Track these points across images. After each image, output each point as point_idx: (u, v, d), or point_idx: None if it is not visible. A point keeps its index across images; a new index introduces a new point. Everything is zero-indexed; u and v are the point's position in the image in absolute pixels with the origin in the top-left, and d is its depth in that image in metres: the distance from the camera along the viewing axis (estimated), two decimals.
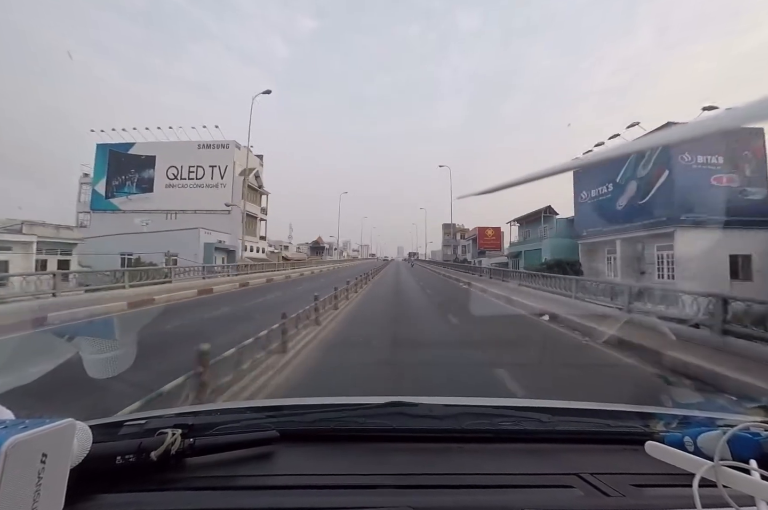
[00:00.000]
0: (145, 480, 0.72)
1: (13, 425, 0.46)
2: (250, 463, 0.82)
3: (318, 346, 5.83)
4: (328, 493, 0.71)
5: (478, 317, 8.44)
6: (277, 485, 0.74)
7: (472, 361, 5.08)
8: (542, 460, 0.88)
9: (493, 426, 0.99)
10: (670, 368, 4.74)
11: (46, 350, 5.21)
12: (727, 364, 4.55)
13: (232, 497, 0.70)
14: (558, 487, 0.75)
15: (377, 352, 5.53)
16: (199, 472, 0.77)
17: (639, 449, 0.80)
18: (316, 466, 0.84)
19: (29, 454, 0.44)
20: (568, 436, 1.00)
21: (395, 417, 0.99)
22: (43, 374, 3.73)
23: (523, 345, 6.13)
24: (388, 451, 0.90)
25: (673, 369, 4.72)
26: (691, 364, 4.65)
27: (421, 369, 4.61)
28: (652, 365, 4.94)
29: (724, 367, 4.39)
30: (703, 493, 0.52)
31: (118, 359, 3.79)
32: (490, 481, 0.76)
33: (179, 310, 9.49)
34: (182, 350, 4.71)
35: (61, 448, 0.50)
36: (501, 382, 4.05)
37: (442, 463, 0.86)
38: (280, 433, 0.88)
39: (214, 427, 0.92)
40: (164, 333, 6.72)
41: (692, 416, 1.05)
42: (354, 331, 7.21)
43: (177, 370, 2.81)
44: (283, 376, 4.31)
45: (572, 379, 4.33)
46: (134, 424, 0.93)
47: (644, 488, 0.74)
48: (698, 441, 0.73)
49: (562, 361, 5.28)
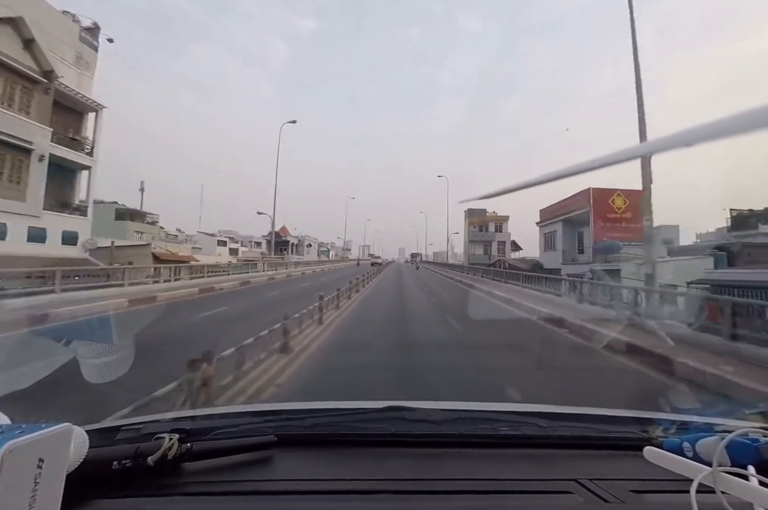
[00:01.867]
0: (142, 485, 0.72)
1: (9, 430, 0.46)
2: (247, 468, 0.81)
3: None
4: (325, 498, 0.71)
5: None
6: (275, 490, 0.73)
7: None
8: (541, 466, 0.88)
9: (491, 431, 0.99)
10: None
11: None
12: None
13: (229, 502, 0.70)
14: (556, 493, 0.75)
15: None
16: (196, 477, 0.77)
17: (637, 455, 0.80)
18: (313, 471, 0.84)
19: (26, 460, 0.44)
20: (567, 441, 1.00)
21: (393, 422, 0.99)
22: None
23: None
24: (386, 456, 0.90)
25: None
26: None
27: None
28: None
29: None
30: (701, 499, 0.52)
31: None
32: (489, 486, 0.76)
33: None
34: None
35: (58, 453, 0.49)
36: None
37: (441, 468, 0.86)
38: (277, 437, 0.87)
39: (212, 431, 0.92)
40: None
41: (691, 421, 1.05)
42: None
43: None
44: None
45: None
46: (131, 428, 0.93)
47: (643, 494, 0.74)
48: (697, 446, 0.73)
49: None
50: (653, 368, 5.17)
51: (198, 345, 4.88)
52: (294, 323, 6.12)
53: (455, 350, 6.24)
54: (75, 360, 3.48)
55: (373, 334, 7.47)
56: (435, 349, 6.15)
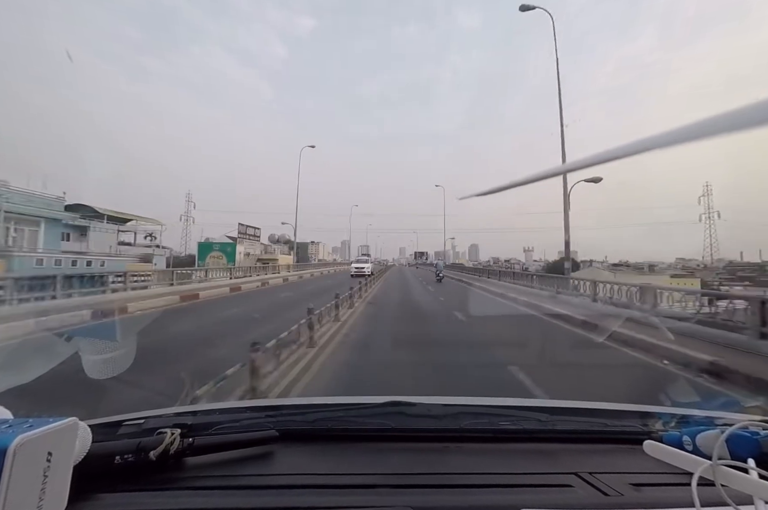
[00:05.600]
0: (144, 480, 0.72)
1: (18, 424, 0.46)
2: (249, 463, 0.81)
3: None
4: (326, 492, 0.71)
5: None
6: (276, 485, 0.74)
7: None
8: (541, 460, 0.88)
9: (491, 425, 0.99)
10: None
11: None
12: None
13: (230, 497, 0.70)
14: (557, 487, 0.75)
15: None
16: (197, 471, 0.77)
17: (638, 448, 0.80)
18: (314, 465, 0.84)
19: (36, 453, 0.45)
20: (567, 435, 1.00)
21: (394, 416, 0.99)
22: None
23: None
24: (386, 451, 0.90)
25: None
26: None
27: None
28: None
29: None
30: (701, 492, 0.52)
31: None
32: (489, 480, 0.76)
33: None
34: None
35: (65, 446, 0.50)
36: None
37: (441, 462, 0.86)
38: (279, 432, 0.88)
39: (213, 426, 0.92)
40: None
41: (691, 415, 1.05)
42: None
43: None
44: None
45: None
46: (133, 423, 0.93)
47: (643, 487, 0.74)
48: (697, 440, 0.73)
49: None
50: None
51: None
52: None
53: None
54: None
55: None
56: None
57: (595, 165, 0.53)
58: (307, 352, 5.20)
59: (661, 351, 5.59)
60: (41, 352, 5.23)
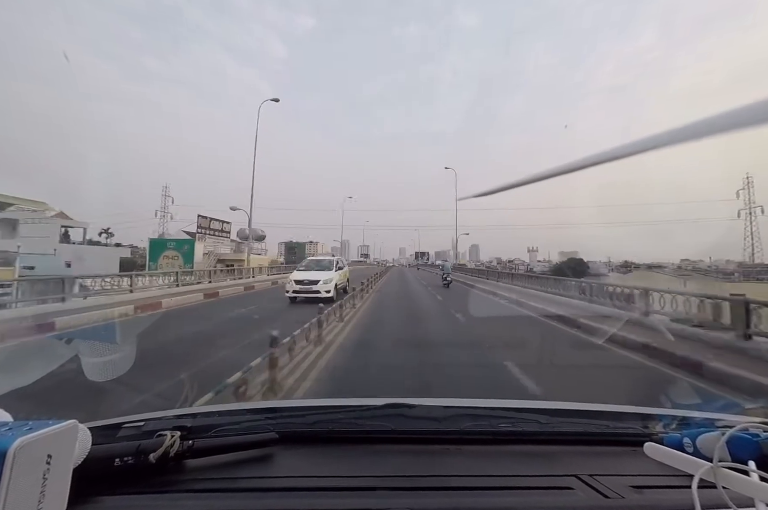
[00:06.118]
0: (144, 482, 0.72)
1: (18, 427, 0.46)
2: (248, 465, 0.81)
3: None
4: (326, 495, 0.71)
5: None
6: (276, 487, 0.74)
7: None
8: (541, 462, 0.88)
9: (491, 427, 0.99)
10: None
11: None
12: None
13: (230, 499, 0.70)
14: (557, 489, 0.75)
15: None
16: (197, 474, 0.77)
17: (638, 450, 0.80)
18: (314, 468, 0.84)
19: (35, 456, 0.44)
20: (567, 437, 1.00)
21: (394, 419, 0.99)
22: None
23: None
24: (386, 453, 0.90)
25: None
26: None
27: None
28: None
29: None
30: (702, 494, 0.52)
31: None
32: (489, 483, 0.76)
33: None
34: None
35: (65, 449, 0.50)
36: None
37: (441, 464, 0.86)
38: (278, 435, 0.88)
39: (213, 428, 0.92)
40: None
41: (691, 417, 1.05)
42: None
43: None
44: None
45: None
46: (133, 426, 0.93)
47: (643, 490, 0.74)
48: (697, 442, 0.73)
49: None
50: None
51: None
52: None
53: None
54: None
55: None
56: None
57: (595, 165, 0.53)
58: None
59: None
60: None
